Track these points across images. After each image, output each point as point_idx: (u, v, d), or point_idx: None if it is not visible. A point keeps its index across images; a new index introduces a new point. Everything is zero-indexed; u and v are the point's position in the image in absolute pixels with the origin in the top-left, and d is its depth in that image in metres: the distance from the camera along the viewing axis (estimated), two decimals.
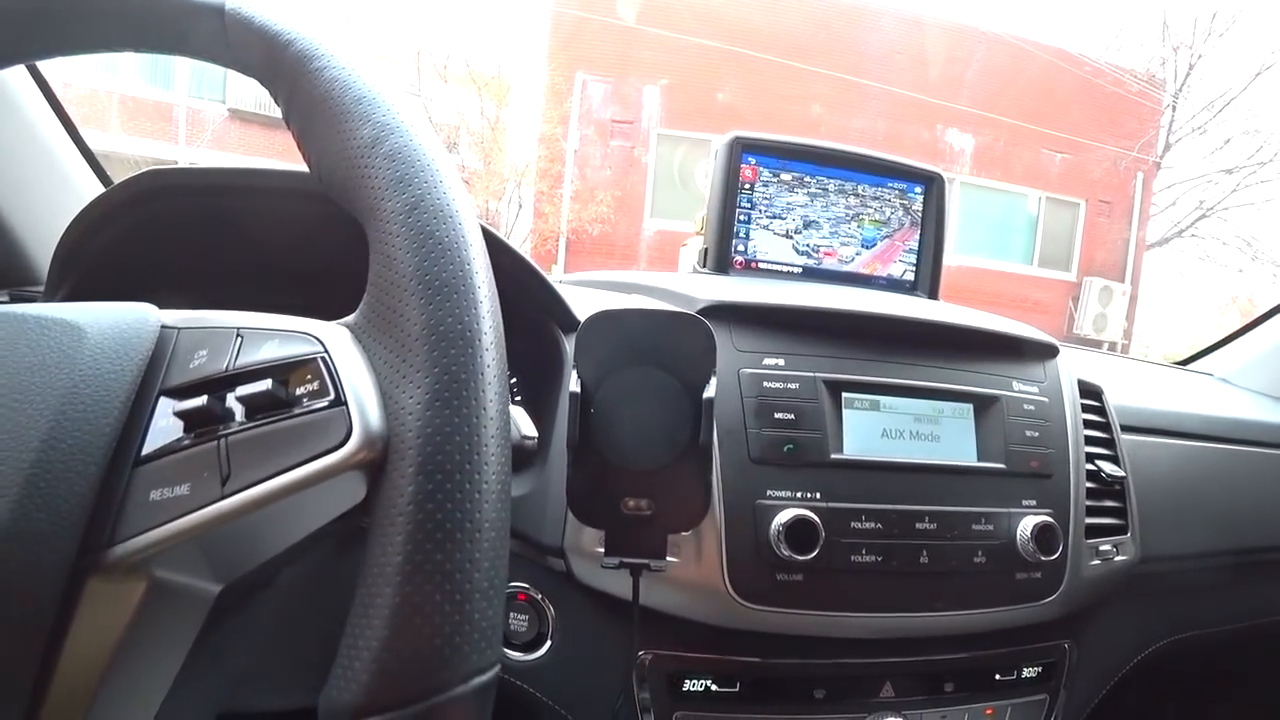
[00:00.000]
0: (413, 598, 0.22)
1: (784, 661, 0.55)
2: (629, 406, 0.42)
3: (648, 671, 0.53)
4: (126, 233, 0.56)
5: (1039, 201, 9.30)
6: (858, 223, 0.79)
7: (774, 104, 7.91)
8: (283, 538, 0.26)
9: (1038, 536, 0.56)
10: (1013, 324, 0.67)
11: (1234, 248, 10.00)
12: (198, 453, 0.24)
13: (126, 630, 0.24)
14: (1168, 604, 0.74)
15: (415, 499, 0.23)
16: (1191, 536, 0.74)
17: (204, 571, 0.25)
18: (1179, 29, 10.07)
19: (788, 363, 0.55)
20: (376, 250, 0.27)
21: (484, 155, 8.84)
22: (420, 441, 0.23)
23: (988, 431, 0.59)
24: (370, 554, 0.23)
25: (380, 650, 0.22)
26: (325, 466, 0.24)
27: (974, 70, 8.55)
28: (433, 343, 0.24)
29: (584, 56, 7.87)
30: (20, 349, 0.26)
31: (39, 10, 0.33)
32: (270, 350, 0.26)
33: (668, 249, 7.41)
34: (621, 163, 7.96)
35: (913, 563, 0.54)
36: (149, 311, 0.29)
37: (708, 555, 0.51)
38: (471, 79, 8.70)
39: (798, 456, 0.53)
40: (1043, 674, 0.63)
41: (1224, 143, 9.84)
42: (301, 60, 0.30)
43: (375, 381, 0.25)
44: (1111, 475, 0.65)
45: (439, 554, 0.23)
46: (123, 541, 0.24)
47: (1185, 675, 0.94)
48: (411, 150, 0.28)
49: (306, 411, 0.25)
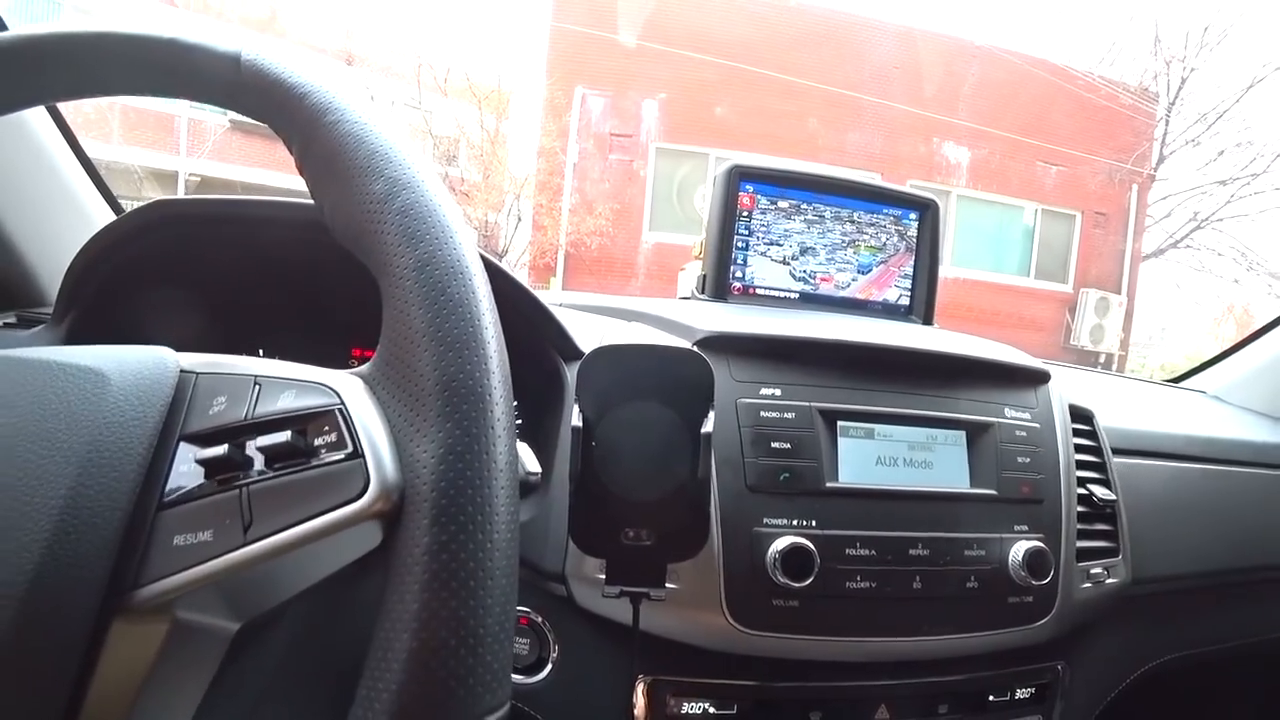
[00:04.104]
0: (429, 643, 0.23)
1: (781, 685, 0.56)
2: (629, 440, 0.43)
3: (646, 696, 0.54)
4: (134, 260, 0.58)
5: (1035, 214, 9.33)
6: (854, 249, 0.81)
7: (771, 118, 7.97)
8: (300, 581, 0.27)
9: (1029, 562, 0.57)
10: (1005, 350, 0.68)
11: (1229, 258, 10.04)
12: (220, 500, 0.26)
13: (151, 668, 0.25)
14: (1160, 625, 0.74)
15: (430, 549, 0.24)
16: (1182, 558, 0.75)
17: (224, 611, 0.26)
18: (1171, 42, 10.17)
19: (784, 392, 0.56)
20: (390, 304, 0.28)
21: (483, 168, 8.86)
22: (435, 495, 0.25)
23: (980, 458, 0.60)
24: (387, 600, 0.24)
25: (399, 692, 0.23)
26: (344, 516, 0.25)
27: (970, 85, 8.61)
28: (445, 397, 0.26)
29: (583, 70, 7.92)
30: (46, 395, 0.27)
31: (61, 55, 0.35)
32: (288, 401, 0.27)
33: (666, 262, 7.43)
34: (620, 176, 8.00)
35: (906, 588, 0.55)
36: (167, 355, 0.30)
37: (706, 582, 0.52)
38: (471, 92, 8.74)
39: (793, 485, 0.54)
40: (1036, 695, 0.64)
41: (1217, 154, 9.91)
42: (316, 113, 0.31)
43: (389, 434, 0.26)
44: (1103, 499, 0.66)
45: (453, 601, 0.24)
46: (148, 584, 0.25)
47: (1178, 695, 0.94)
48: (424, 206, 0.29)
49: (325, 464, 0.26)
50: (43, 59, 0.35)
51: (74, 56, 0.35)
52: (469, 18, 9.63)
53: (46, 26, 0.35)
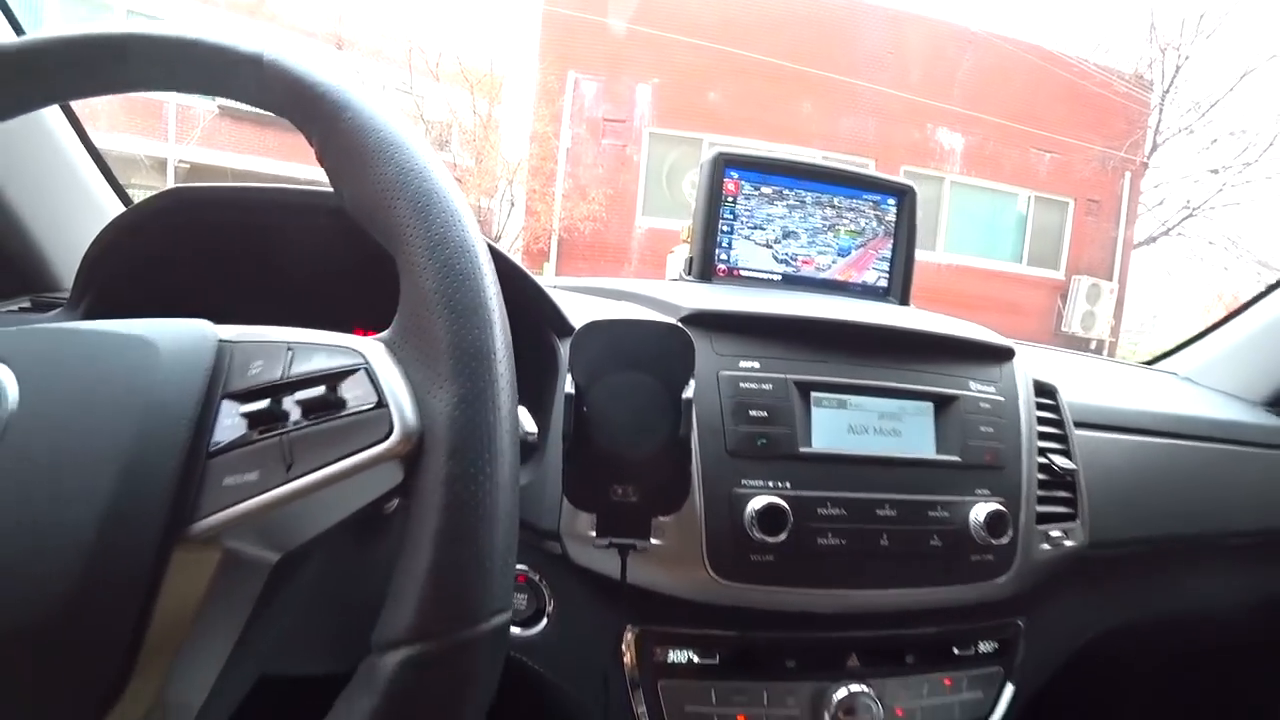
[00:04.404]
0: (447, 554, 0.28)
1: (758, 635, 0.60)
2: (617, 405, 0.47)
3: (634, 644, 0.59)
4: (150, 245, 0.61)
5: (1028, 201, 9.37)
6: (834, 233, 0.85)
7: (765, 103, 7.96)
8: (332, 515, 0.31)
9: (988, 522, 0.61)
10: (973, 328, 0.73)
11: (1220, 246, 10.13)
12: (264, 446, 0.30)
13: (205, 592, 0.29)
14: (1118, 589, 0.79)
15: (447, 480, 0.29)
16: (1139, 524, 0.80)
17: (266, 544, 0.30)
18: (1167, 30, 10.19)
19: (762, 365, 0.61)
20: (406, 277, 0.32)
21: (476, 153, 8.83)
22: (450, 435, 0.29)
23: (946, 427, 0.64)
24: (411, 523, 0.29)
25: (422, 596, 0.28)
26: (373, 455, 0.29)
27: (964, 70, 8.61)
28: (457, 356, 0.30)
29: (576, 55, 7.89)
30: (106, 361, 0.31)
31: (88, 55, 0.37)
32: (320, 361, 0.31)
33: (660, 247, 7.44)
34: (613, 161, 7.99)
35: (874, 545, 0.59)
36: (207, 327, 0.34)
37: (689, 537, 0.56)
38: (464, 76, 8.70)
39: (770, 450, 0.59)
40: (998, 649, 0.68)
41: (1210, 143, 9.97)
42: (335, 109, 0.35)
43: (409, 387, 0.31)
44: (1062, 467, 0.71)
45: (466, 521, 0.29)
46: (202, 519, 0.29)
47: (1134, 657, 1.00)
48: (434, 192, 0.33)
49: (355, 412, 0.30)
50: (74, 59, 0.37)
51: (102, 57, 0.38)
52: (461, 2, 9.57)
53: (79, 27, 0.38)
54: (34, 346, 0.32)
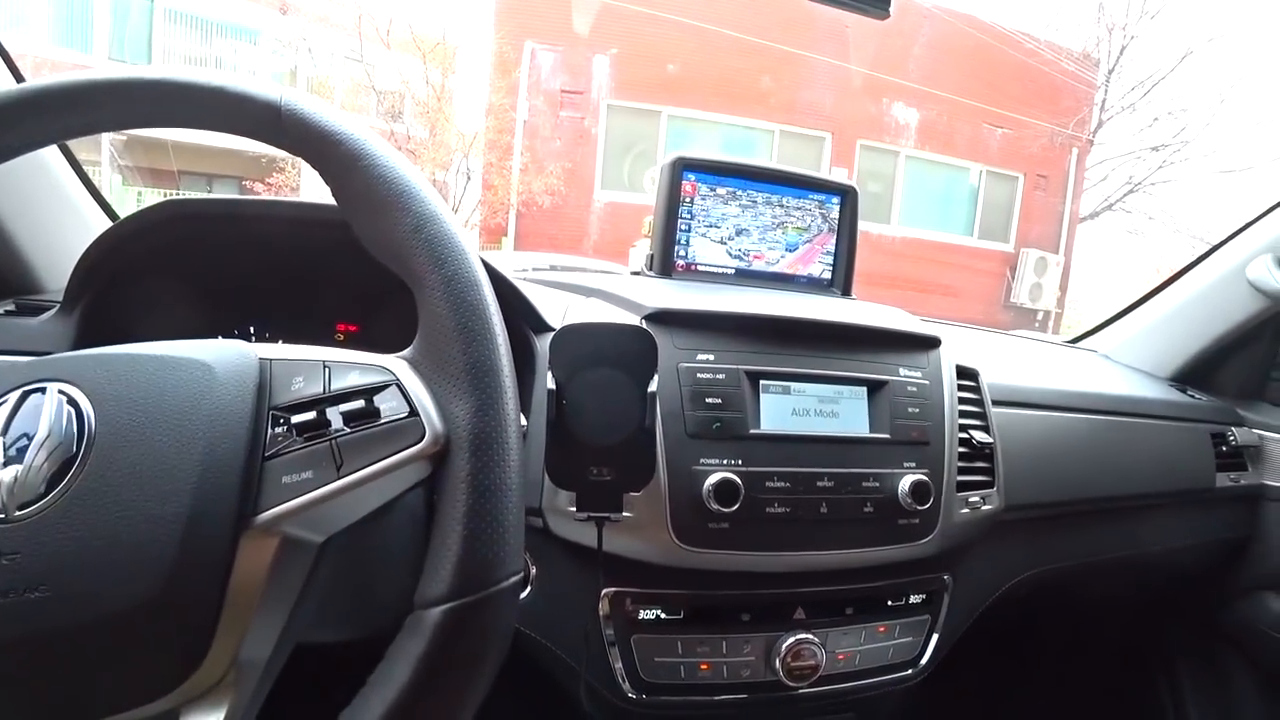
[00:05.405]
0: (474, 529, 0.36)
1: (717, 593, 0.69)
2: (592, 398, 0.54)
3: (610, 605, 0.67)
4: (143, 252, 0.65)
5: (980, 175, 9.59)
6: (783, 230, 0.93)
7: (723, 75, 7.97)
8: (369, 504, 0.37)
9: (914, 491, 0.70)
10: (904, 319, 0.82)
11: (1159, 221, 10.53)
12: (315, 450, 0.36)
13: (268, 572, 0.35)
14: (1029, 544, 0.90)
15: (470, 473, 0.36)
16: (1049, 489, 0.91)
17: (315, 529, 0.37)
18: (1114, 10, 10.45)
19: (716, 357, 0.68)
20: (425, 309, 0.39)
21: (430, 124, 8.64)
22: (470, 438, 0.37)
23: (878, 409, 0.73)
24: (442, 508, 0.36)
25: (457, 563, 0.36)
26: (409, 455, 0.36)
27: (920, 46, 8.73)
28: (472, 373, 0.37)
29: (532, 24, 7.77)
30: (167, 382, 0.37)
31: (118, 94, 0.42)
32: (355, 378, 0.38)
33: (620, 222, 7.46)
34: (571, 134, 7.93)
35: (815, 512, 0.68)
36: (246, 346, 0.39)
37: (655, 510, 0.64)
38: (415, 45, 8.46)
39: (724, 432, 0.67)
40: (926, 601, 0.78)
41: (1152, 121, 10.32)
42: (351, 157, 0.40)
43: (433, 399, 0.38)
44: (981, 442, 0.80)
45: (488, 504, 0.36)
46: (264, 511, 0.35)
47: (1043, 604, 1.12)
48: (447, 235, 0.39)
49: (391, 420, 0.37)
50: (101, 97, 0.42)
51: (130, 96, 0.42)
52: None
53: (113, 71, 0.42)
54: (101, 371, 0.37)
